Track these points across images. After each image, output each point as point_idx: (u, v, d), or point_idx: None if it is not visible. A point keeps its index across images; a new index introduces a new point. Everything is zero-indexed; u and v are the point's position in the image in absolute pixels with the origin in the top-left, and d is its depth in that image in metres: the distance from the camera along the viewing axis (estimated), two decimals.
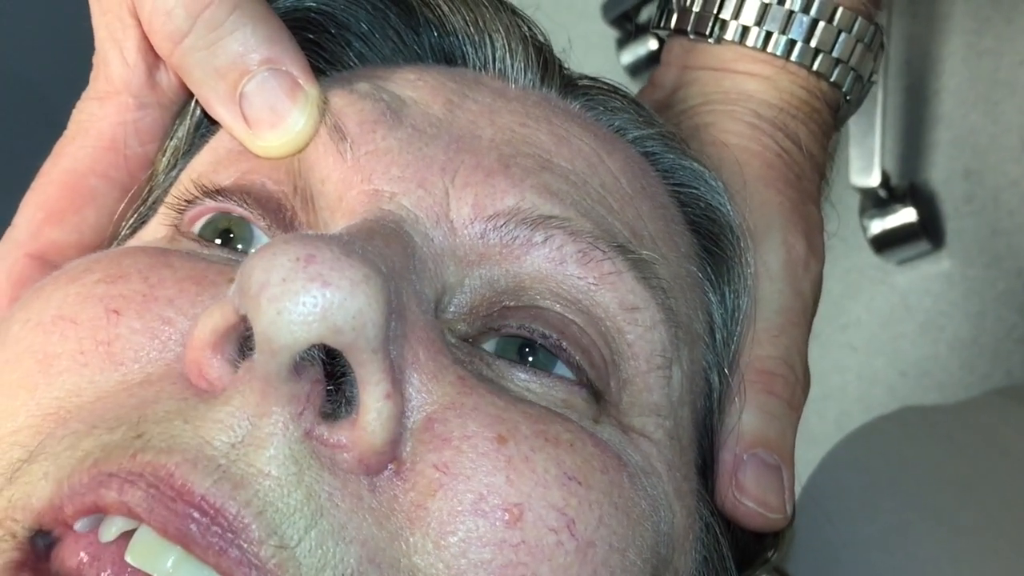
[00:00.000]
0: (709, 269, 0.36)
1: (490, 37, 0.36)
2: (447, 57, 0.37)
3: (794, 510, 0.51)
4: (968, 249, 1.09)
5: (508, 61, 0.36)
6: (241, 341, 0.26)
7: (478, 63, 0.36)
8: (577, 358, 0.30)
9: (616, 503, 0.28)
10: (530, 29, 0.37)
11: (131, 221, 0.36)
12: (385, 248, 0.28)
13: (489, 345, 0.31)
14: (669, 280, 0.33)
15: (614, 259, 0.31)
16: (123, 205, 0.36)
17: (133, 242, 0.35)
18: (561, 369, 0.31)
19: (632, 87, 0.45)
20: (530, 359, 0.30)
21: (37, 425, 0.27)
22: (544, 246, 0.31)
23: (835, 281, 1.17)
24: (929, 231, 1.09)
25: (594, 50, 1.35)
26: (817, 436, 1.14)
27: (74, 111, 0.36)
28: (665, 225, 0.35)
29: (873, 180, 1.07)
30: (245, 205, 0.32)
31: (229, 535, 0.24)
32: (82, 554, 0.25)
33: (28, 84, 1.13)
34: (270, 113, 0.32)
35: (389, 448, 0.26)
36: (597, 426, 0.30)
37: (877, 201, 1.09)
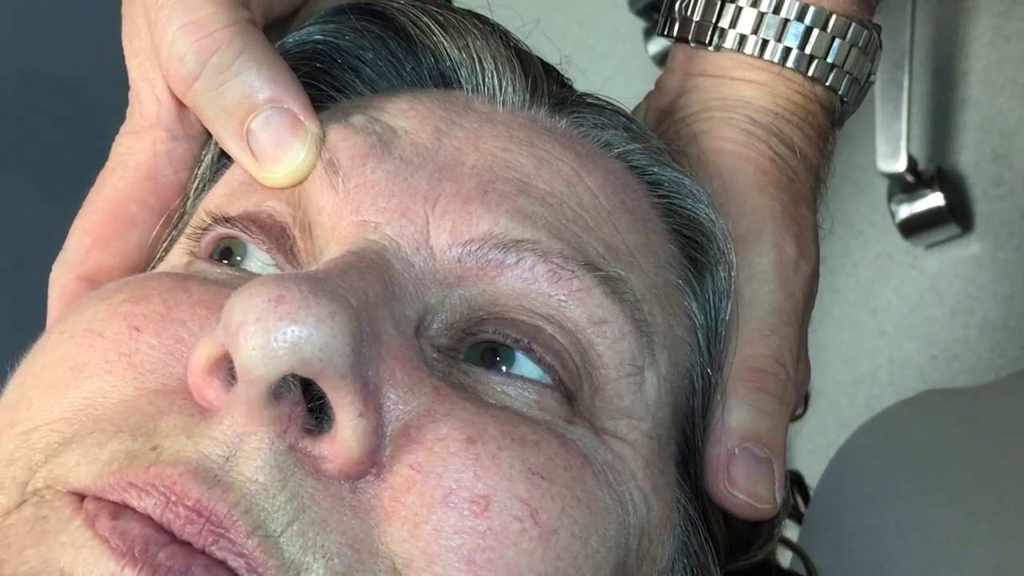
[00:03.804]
0: (691, 275, 0.38)
1: (480, 61, 0.38)
2: (444, 80, 0.39)
3: (802, 499, 0.52)
4: (997, 232, 1.09)
5: (497, 83, 0.38)
6: (231, 367, 0.29)
7: (471, 86, 0.38)
8: (548, 358, 0.33)
9: (578, 496, 0.31)
10: (518, 51, 0.39)
11: (165, 244, 0.39)
12: (359, 281, 0.30)
13: (467, 352, 0.33)
14: (643, 291, 0.35)
15: (581, 277, 0.33)
16: (159, 228, 0.39)
17: (163, 264, 0.38)
18: (524, 368, 0.33)
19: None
20: (500, 364, 0.33)
21: (69, 417, 0.31)
22: (516, 267, 0.33)
23: (865, 266, 1.17)
24: (958, 215, 1.09)
25: (621, 40, 1.36)
26: (848, 420, 1.15)
27: (114, 144, 0.39)
28: (644, 237, 0.37)
29: (900, 165, 1.08)
30: (248, 232, 0.35)
31: (220, 529, 0.27)
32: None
33: (68, 86, 1.17)
34: (274, 147, 0.35)
35: (367, 458, 0.29)
36: (570, 427, 0.33)
37: (905, 186, 1.10)
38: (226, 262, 0.36)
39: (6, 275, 1.07)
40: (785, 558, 0.58)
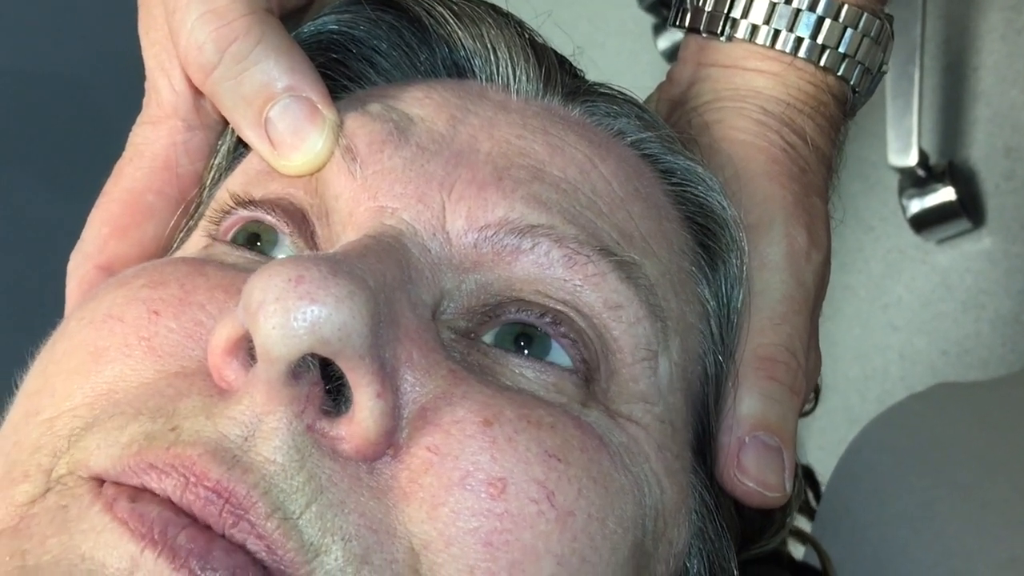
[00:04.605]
0: (703, 262, 0.38)
1: (495, 51, 0.38)
2: (458, 70, 0.39)
3: (813, 493, 0.53)
4: (1009, 227, 1.09)
5: (511, 72, 0.38)
6: (251, 347, 0.29)
7: (485, 75, 0.39)
8: (572, 335, 0.33)
9: (594, 478, 0.31)
10: (532, 40, 0.39)
11: (182, 233, 0.39)
12: (377, 264, 0.31)
13: (488, 337, 0.34)
14: (657, 277, 0.35)
15: (597, 262, 0.34)
16: (176, 218, 0.39)
17: (180, 252, 0.38)
18: (554, 356, 0.33)
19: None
20: (525, 351, 0.33)
21: (91, 402, 0.31)
22: (532, 252, 0.33)
23: (876, 261, 1.17)
24: (969, 209, 1.09)
25: (630, 36, 1.36)
26: (859, 416, 1.14)
27: (130, 135, 0.40)
28: (658, 224, 0.37)
29: (911, 160, 1.08)
30: (273, 214, 0.35)
31: (240, 511, 0.27)
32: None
33: (78, 84, 1.17)
34: (292, 136, 0.35)
35: (384, 439, 0.29)
36: (584, 410, 0.33)
37: (916, 180, 1.10)
38: (248, 247, 0.36)
39: (21, 269, 1.07)
40: (798, 552, 0.58)
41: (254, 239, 0.36)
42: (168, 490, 0.28)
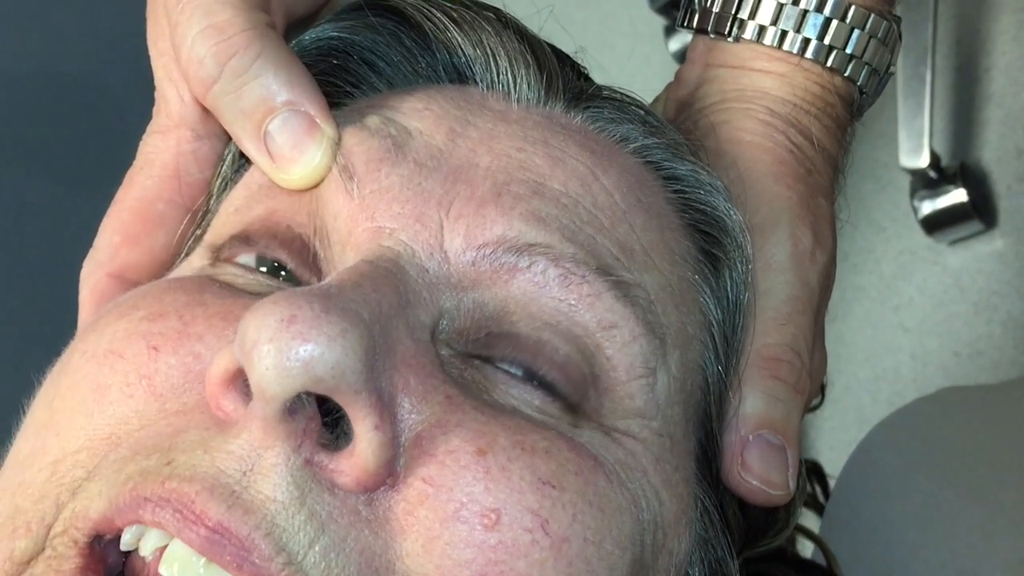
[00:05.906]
0: (707, 270, 0.38)
1: (495, 57, 0.38)
2: (460, 75, 0.39)
3: (802, 485, 0.53)
4: (1021, 228, 1.09)
5: (511, 79, 0.38)
6: (247, 380, 0.29)
7: (486, 83, 0.39)
8: (551, 375, 0.33)
9: (590, 501, 0.31)
10: (533, 46, 0.39)
11: (190, 241, 0.40)
12: (373, 293, 0.31)
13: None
14: (657, 291, 0.35)
15: (592, 282, 0.34)
16: (184, 225, 0.40)
17: (184, 265, 0.38)
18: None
19: None
20: (516, 371, 0.33)
21: (94, 448, 0.31)
22: (528, 271, 0.33)
23: (887, 262, 1.17)
24: (981, 211, 1.09)
25: (641, 38, 1.36)
26: (870, 417, 1.14)
27: (140, 144, 0.40)
28: (659, 235, 0.37)
29: (923, 161, 1.08)
30: (271, 249, 0.36)
31: (243, 552, 0.28)
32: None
33: (93, 86, 1.18)
34: (291, 149, 0.35)
35: (384, 469, 0.29)
36: (576, 430, 0.33)
37: (927, 182, 1.09)
38: (257, 269, 0.36)
39: (31, 268, 1.08)
40: (807, 551, 0.58)
41: (275, 265, 0.36)
42: (164, 522, 0.28)
